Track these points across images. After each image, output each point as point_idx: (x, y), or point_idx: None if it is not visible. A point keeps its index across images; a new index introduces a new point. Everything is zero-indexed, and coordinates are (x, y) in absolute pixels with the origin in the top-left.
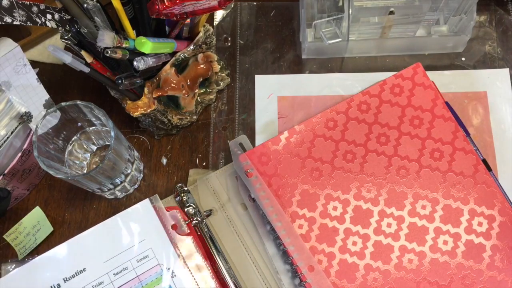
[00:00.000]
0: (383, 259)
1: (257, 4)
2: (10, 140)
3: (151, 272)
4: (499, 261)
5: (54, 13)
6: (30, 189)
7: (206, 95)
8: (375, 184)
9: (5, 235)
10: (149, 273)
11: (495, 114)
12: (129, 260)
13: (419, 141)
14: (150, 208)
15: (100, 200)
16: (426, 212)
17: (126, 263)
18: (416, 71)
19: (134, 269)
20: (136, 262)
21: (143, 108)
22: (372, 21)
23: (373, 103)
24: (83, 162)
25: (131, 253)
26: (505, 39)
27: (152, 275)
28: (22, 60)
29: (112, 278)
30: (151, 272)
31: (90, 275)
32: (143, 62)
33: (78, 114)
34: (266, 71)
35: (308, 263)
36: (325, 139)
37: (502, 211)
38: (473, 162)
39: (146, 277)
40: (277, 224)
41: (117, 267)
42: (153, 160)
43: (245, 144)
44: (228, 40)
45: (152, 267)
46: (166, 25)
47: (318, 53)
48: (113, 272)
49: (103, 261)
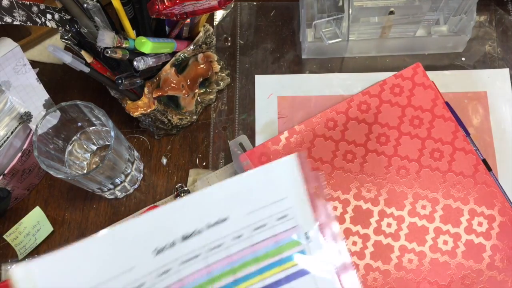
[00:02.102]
0: (383, 259)
1: (257, 4)
2: (10, 140)
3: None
4: (499, 261)
5: (54, 13)
6: (30, 189)
7: (206, 95)
8: (375, 184)
9: (5, 235)
10: (286, 234)
11: (495, 114)
12: (270, 216)
13: (419, 141)
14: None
15: (100, 200)
16: (426, 212)
17: (267, 219)
18: (416, 71)
19: (272, 227)
20: (276, 221)
21: (143, 108)
22: (372, 21)
23: (373, 103)
24: (83, 162)
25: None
26: (505, 39)
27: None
28: (22, 60)
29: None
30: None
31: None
32: (143, 62)
33: (78, 114)
34: (266, 71)
35: None
36: (325, 139)
37: (502, 211)
38: (473, 162)
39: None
40: None
41: (257, 222)
42: (153, 160)
43: (245, 144)
44: (228, 40)
45: (289, 228)
46: (166, 25)
47: (318, 53)
48: (253, 226)
49: (246, 213)
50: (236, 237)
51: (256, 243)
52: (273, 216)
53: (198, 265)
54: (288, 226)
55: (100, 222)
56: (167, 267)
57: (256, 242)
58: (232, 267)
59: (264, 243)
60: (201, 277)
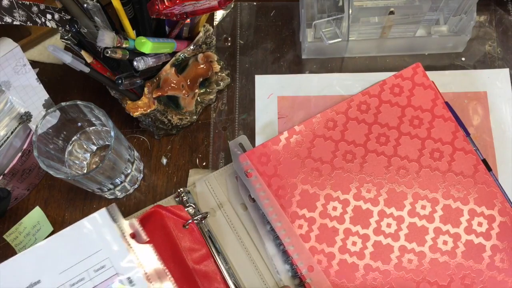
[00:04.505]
0: (383, 259)
1: (257, 4)
2: (10, 140)
3: (109, 282)
4: (499, 261)
5: (54, 13)
6: (30, 189)
7: (206, 95)
8: (374, 184)
9: (5, 235)
10: (107, 283)
11: (495, 114)
12: (86, 270)
13: (419, 141)
14: (107, 217)
15: (100, 200)
16: (425, 212)
17: (83, 273)
18: (416, 71)
19: (91, 279)
20: (94, 272)
21: (143, 108)
22: (372, 21)
23: (373, 103)
24: (83, 162)
25: (88, 264)
26: (505, 39)
27: (110, 285)
28: (22, 60)
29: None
30: (109, 282)
31: (46, 286)
32: (143, 62)
33: (78, 114)
34: (266, 71)
35: (308, 263)
36: (325, 139)
37: (502, 211)
38: (473, 162)
39: (104, 287)
40: (277, 224)
41: (74, 278)
42: (153, 160)
43: (245, 144)
44: (228, 40)
45: (110, 276)
46: (166, 25)
47: (318, 53)
48: (70, 283)
49: (59, 272)
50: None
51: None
52: (90, 269)
53: None
54: (108, 275)
55: None
56: None
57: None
58: None
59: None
60: None
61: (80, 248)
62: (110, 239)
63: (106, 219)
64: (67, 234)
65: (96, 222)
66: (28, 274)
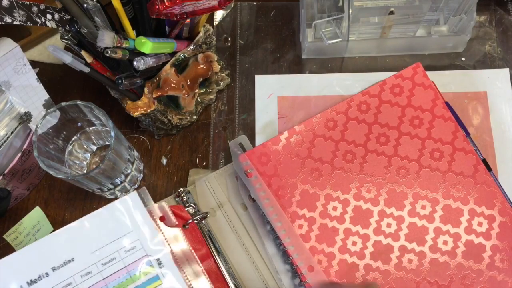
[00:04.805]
0: (383, 259)
1: (257, 4)
2: (10, 140)
3: (139, 263)
4: (499, 261)
5: (54, 13)
6: (30, 189)
7: (206, 95)
8: (375, 184)
9: (5, 235)
10: (137, 263)
11: (495, 114)
12: (117, 251)
13: (419, 141)
14: (138, 200)
15: (100, 200)
16: (426, 212)
17: (114, 253)
18: (416, 71)
19: (122, 260)
20: (124, 253)
21: (143, 108)
22: (372, 21)
23: (373, 103)
24: (83, 162)
25: (119, 244)
26: (505, 39)
27: (140, 265)
28: (22, 60)
29: (100, 268)
30: (139, 262)
31: (78, 264)
32: (143, 62)
33: (78, 114)
34: (266, 71)
35: (308, 263)
36: (325, 139)
37: (502, 211)
38: (473, 162)
39: (134, 267)
40: (277, 224)
41: (105, 258)
42: (153, 160)
43: (245, 144)
44: (228, 40)
45: (139, 257)
46: (166, 25)
47: (318, 53)
48: (101, 262)
49: (91, 251)
50: (85, 274)
51: (107, 276)
52: (121, 249)
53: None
54: (138, 256)
55: None
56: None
57: (107, 275)
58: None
59: (116, 275)
60: None
61: (112, 229)
62: (140, 221)
63: (137, 202)
64: (100, 215)
65: (127, 204)
66: (62, 252)
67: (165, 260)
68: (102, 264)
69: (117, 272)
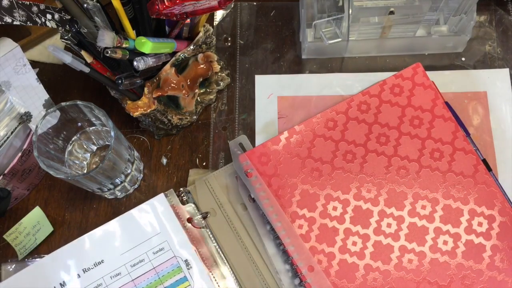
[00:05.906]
0: (383, 259)
1: (257, 4)
2: (10, 140)
3: (167, 264)
4: (499, 261)
5: (54, 13)
6: (30, 189)
7: (206, 95)
8: (375, 184)
9: (5, 235)
10: (165, 265)
11: (495, 114)
12: (146, 253)
13: (419, 141)
14: (165, 202)
15: (100, 200)
16: (426, 212)
17: (143, 255)
18: (416, 71)
19: (150, 261)
20: (153, 254)
21: (143, 108)
22: (372, 21)
23: (373, 103)
24: (83, 162)
25: (147, 246)
26: (505, 39)
27: (168, 267)
28: (22, 60)
29: (129, 269)
30: (167, 264)
31: (108, 266)
32: (143, 62)
33: (78, 114)
34: (266, 71)
35: (308, 263)
36: (325, 139)
37: (502, 211)
38: (473, 162)
39: (162, 268)
40: (277, 224)
41: (134, 259)
42: (153, 160)
43: (245, 144)
44: (228, 40)
45: (168, 259)
46: (166, 25)
47: (318, 53)
48: (130, 263)
49: (121, 253)
50: (115, 276)
51: (136, 278)
52: (149, 251)
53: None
54: (166, 258)
55: (100, 222)
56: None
57: (136, 276)
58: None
59: (145, 276)
60: None
61: (140, 231)
62: (168, 223)
63: (165, 204)
64: (128, 218)
65: (155, 207)
66: (92, 254)
67: (193, 261)
68: (131, 266)
69: (146, 274)
